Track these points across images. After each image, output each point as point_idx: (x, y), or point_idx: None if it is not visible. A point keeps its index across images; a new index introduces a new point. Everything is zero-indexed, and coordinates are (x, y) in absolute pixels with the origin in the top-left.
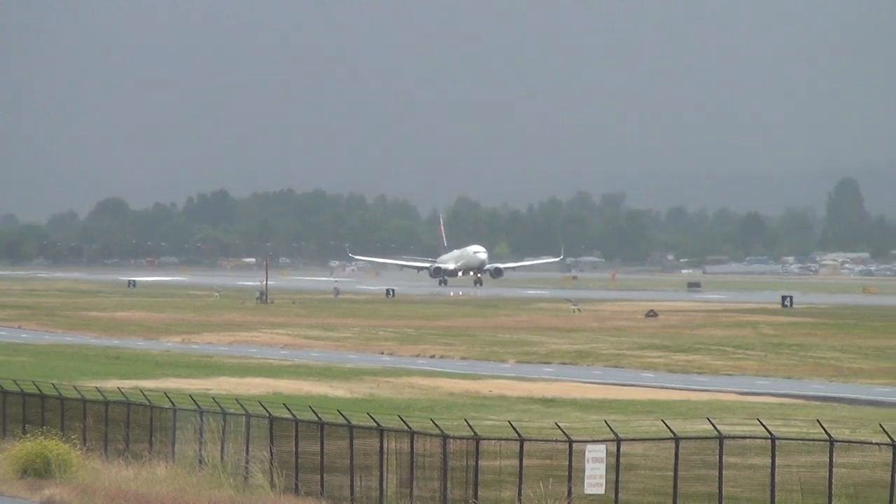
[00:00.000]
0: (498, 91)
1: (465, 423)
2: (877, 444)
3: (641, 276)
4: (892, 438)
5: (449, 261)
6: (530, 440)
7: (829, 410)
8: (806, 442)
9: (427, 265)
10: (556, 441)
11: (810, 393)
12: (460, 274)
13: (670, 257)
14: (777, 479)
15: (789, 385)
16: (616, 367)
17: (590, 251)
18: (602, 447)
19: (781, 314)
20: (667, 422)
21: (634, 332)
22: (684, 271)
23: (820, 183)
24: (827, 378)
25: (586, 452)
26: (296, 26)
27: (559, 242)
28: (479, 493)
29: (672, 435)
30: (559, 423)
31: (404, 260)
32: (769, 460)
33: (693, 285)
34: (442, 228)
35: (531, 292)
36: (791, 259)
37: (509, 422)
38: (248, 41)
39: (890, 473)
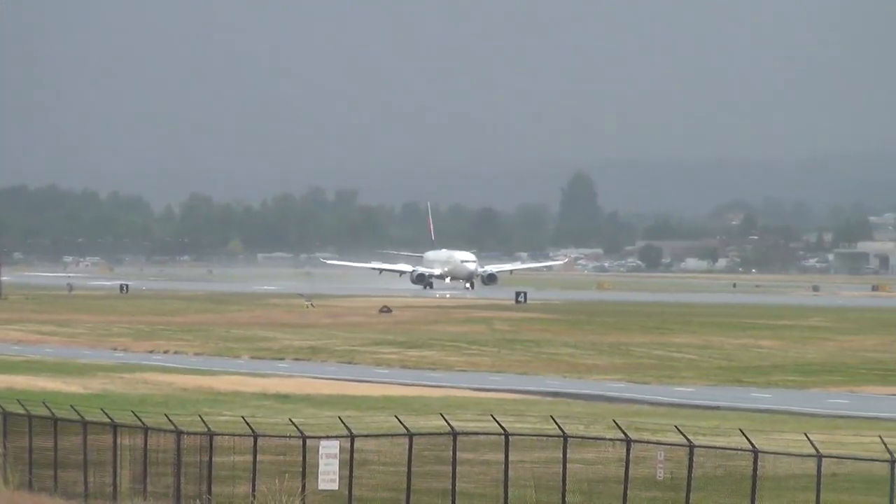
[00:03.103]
0: (229, 86)
1: (200, 418)
2: (610, 439)
3: None
4: (625, 434)
5: (434, 264)
6: (264, 436)
7: (562, 406)
8: (539, 438)
9: (409, 269)
10: (290, 437)
11: (544, 389)
12: (448, 280)
13: (404, 253)
14: (511, 474)
15: (523, 381)
16: (350, 363)
17: (324, 247)
18: (335, 443)
19: (515, 310)
20: (400, 418)
21: (368, 328)
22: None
23: (553, 179)
24: (561, 374)
25: (320, 448)
26: (28, 20)
27: (293, 238)
28: (212, 488)
29: (406, 431)
30: (293, 419)
31: (384, 263)
32: (503, 456)
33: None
34: (431, 221)
35: (264, 288)
36: (525, 255)
37: (243, 418)
38: None
39: (624, 469)
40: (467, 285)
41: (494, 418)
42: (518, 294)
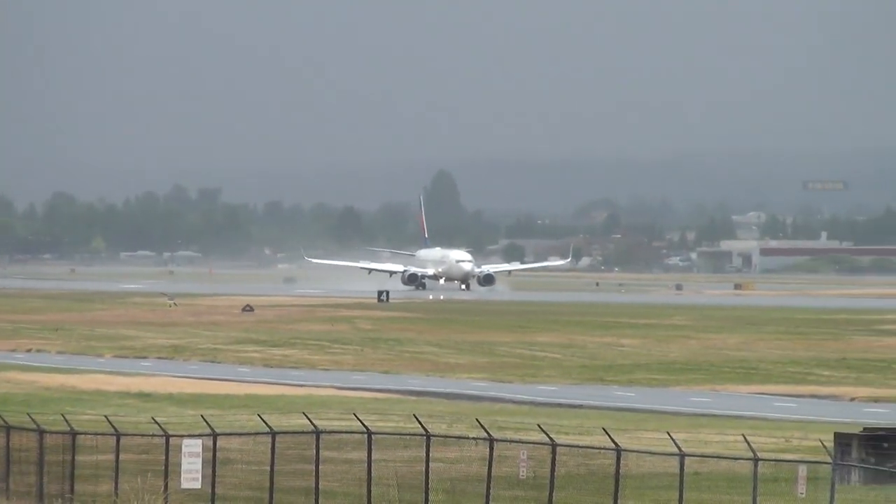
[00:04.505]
0: (91, 83)
1: (62, 417)
2: (473, 438)
3: (239, 270)
4: (488, 433)
5: (427, 264)
6: (127, 435)
7: (425, 405)
8: (402, 436)
9: (400, 269)
10: (153, 436)
11: (407, 388)
12: (442, 281)
13: (267, 252)
14: (374, 473)
15: (386, 380)
16: (212, 361)
17: (186, 246)
18: (198, 442)
19: (378, 309)
20: (263, 416)
21: (231, 326)
22: (281, 266)
23: (416, 177)
24: (424, 373)
25: (183, 447)
26: None
27: (156, 237)
28: (75, 487)
29: (268, 429)
30: (156, 418)
31: (373, 262)
32: (366, 455)
33: (289, 280)
34: (423, 217)
35: (127, 286)
36: (387, 254)
37: (106, 416)
38: None
39: (487, 468)
40: (463, 286)
41: (357, 417)
42: (380, 293)
